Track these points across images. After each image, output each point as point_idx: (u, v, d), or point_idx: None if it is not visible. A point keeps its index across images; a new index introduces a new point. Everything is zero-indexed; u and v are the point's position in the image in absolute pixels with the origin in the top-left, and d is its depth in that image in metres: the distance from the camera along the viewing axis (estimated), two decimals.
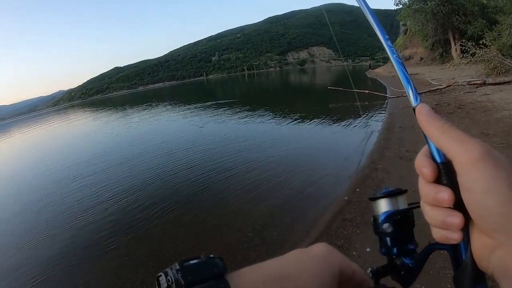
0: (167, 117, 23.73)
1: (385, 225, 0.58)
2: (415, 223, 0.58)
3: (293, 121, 14.16)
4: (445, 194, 0.41)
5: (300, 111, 16.48)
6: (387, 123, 10.66)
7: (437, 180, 0.43)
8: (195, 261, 0.36)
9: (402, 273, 0.57)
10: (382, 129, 10.03)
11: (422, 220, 0.50)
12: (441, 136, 0.42)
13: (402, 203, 0.59)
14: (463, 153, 0.39)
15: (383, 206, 0.59)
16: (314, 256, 0.44)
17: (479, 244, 0.41)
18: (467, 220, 0.41)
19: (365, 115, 12.97)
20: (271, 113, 17.32)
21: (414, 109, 0.47)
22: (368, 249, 3.84)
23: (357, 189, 5.83)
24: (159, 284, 0.35)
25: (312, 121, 13.38)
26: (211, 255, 0.38)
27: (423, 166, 0.44)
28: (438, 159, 0.44)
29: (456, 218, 0.41)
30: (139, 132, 18.67)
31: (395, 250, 0.58)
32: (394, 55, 0.53)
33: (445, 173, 0.43)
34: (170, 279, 0.34)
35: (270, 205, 5.86)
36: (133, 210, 6.61)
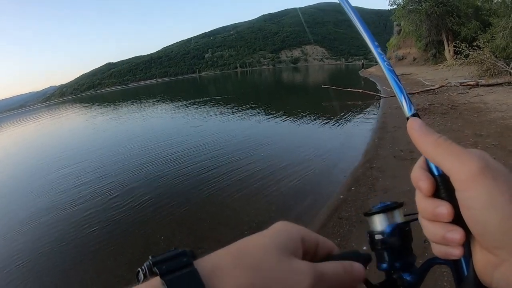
0: (161, 114, 23.62)
1: (382, 241, 0.57)
2: (412, 237, 0.57)
3: (287, 119, 14.16)
4: (444, 209, 0.39)
5: (293, 110, 16.46)
6: (380, 122, 10.71)
7: (435, 194, 0.41)
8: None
9: None
10: (376, 128, 10.08)
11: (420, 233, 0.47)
12: (436, 152, 0.39)
13: (398, 217, 0.57)
14: (460, 169, 0.37)
15: (379, 221, 0.58)
16: (272, 228, 0.41)
17: (481, 260, 0.39)
18: (468, 234, 0.39)
19: (358, 114, 13.03)
20: (264, 112, 17.35)
21: (408, 119, 0.45)
22: (364, 247, 3.86)
23: (352, 188, 5.86)
24: (138, 280, 0.35)
25: (306, 119, 13.41)
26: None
27: (419, 179, 0.42)
28: (435, 172, 0.42)
29: (457, 234, 0.39)
30: (132, 129, 18.58)
31: (393, 265, 0.56)
32: (385, 63, 0.50)
33: (443, 186, 0.41)
34: (143, 269, 0.34)
35: (265, 203, 5.87)
36: (126, 207, 6.57)
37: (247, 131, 12.69)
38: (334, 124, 11.90)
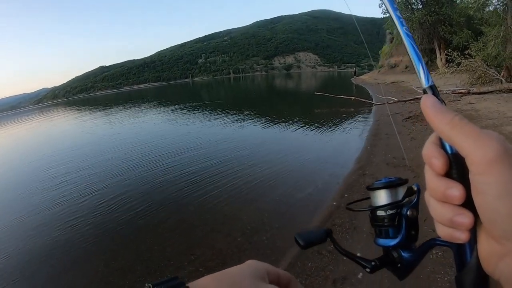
0: (152, 119, 23.47)
1: (383, 217, 0.57)
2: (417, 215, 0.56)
3: (278, 126, 14.14)
4: (456, 191, 0.37)
5: (286, 116, 16.49)
6: (373, 130, 10.75)
7: (447, 173, 0.39)
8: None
9: (399, 265, 0.57)
10: (369, 136, 10.11)
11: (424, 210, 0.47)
12: (452, 131, 0.36)
13: (401, 194, 0.57)
14: (477, 151, 0.34)
15: (382, 197, 0.58)
16: (245, 263, 0.50)
17: (487, 248, 0.38)
18: (476, 219, 0.37)
19: (351, 121, 13.08)
20: (256, 118, 17.33)
21: (424, 91, 0.43)
22: (358, 254, 3.83)
23: (346, 195, 5.85)
24: None
25: (299, 126, 13.41)
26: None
27: (433, 156, 0.39)
28: (449, 150, 0.39)
29: (466, 218, 0.37)
30: (124, 134, 18.42)
31: (392, 242, 0.56)
32: (404, 28, 0.47)
33: (456, 166, 0.38)
34: None
35: (259, 210, 5.82)
36: (118, 213, 6.50)
37: (239, 138, 12.64)
38: (326, 131, 11.91)
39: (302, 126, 13.25)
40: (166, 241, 5.16)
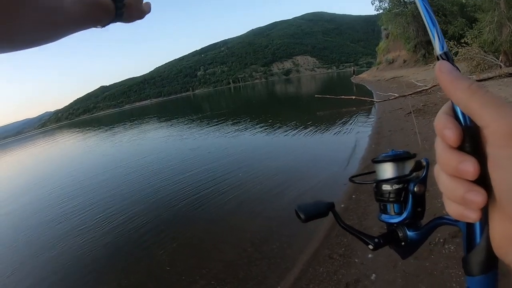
0: (156, 135, 23.53)
1: (388, 192, 0.56)
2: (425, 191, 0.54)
3: (282, 131, 14.10)
4: (469, 165, 0.34)
5: (289, 121, 16.44)
6: (376, 128, 10.69)
7: (460, 146, 0.35)
8: None
9: (403, 244, 0.56)
10: (372, 134, 10.05)
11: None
12: (470, 100, 0.33)
13: (408, 169, 0.55)
14: (500, 122, 0.31)
15: (388, 170, 0.56)
16: None
17: (500, 230, 0.35)
18: (489, 198, 0.34)
19: (354, 121, 13.03)
20: (259, 125, 17.28)
21: (438, 57, 0.39)
22: (370, 255, 3.80)
23: (353, 196, 5.80)
24: None
25: (302, 130, 13.37)
26: None
27: (445, 127, 0.35)
28: (462, 121, 0.36)
29: (479, 196, 0.34)
30: (128, 151, 18.47)
31: (397, 218, 0.55)
32: None
33: (470, 139, 0.35)
34: None
35: (266, 218, 5.78)
36: (127, 230, 6.47)
37: (243, 146, 12.63)
38: (330, 133, 11.88)
39: (305, 130, 13.20)
40: (177, 256, 5.13)
